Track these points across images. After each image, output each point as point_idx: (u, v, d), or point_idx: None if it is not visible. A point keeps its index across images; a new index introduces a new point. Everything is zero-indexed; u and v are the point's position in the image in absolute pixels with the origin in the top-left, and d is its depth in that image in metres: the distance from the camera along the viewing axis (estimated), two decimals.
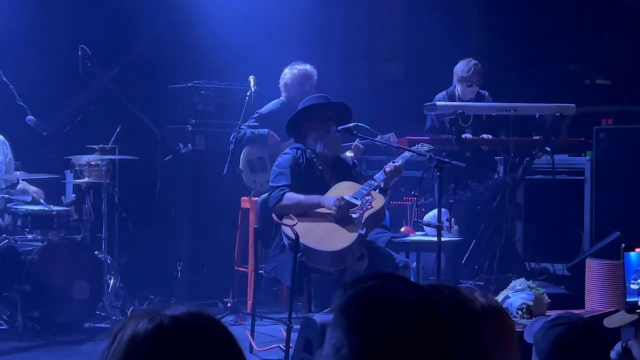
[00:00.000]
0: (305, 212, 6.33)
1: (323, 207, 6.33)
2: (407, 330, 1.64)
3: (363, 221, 6.33)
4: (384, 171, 6.52)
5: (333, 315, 1.72)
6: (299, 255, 6.08)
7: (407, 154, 6.70)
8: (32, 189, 7.52)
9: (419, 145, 6.94)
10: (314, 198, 6.36)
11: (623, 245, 2.96)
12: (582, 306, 6.07)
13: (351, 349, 1.63)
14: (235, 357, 1.76)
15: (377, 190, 6.50)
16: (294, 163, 6.49)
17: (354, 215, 6.34)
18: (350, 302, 1.69)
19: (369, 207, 6.40)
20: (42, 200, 7.37)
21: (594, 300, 5.98)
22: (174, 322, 1.71)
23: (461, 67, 8.02)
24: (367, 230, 6.38)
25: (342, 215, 6.26)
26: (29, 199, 7.47)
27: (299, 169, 6.48)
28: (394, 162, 6.61)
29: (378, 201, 6.46)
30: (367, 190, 6.43)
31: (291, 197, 6.35)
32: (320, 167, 6.57)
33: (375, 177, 6.58)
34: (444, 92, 8.11)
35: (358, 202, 6.39)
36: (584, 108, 8.93)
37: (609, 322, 3.34)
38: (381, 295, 1.69)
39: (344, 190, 6.45)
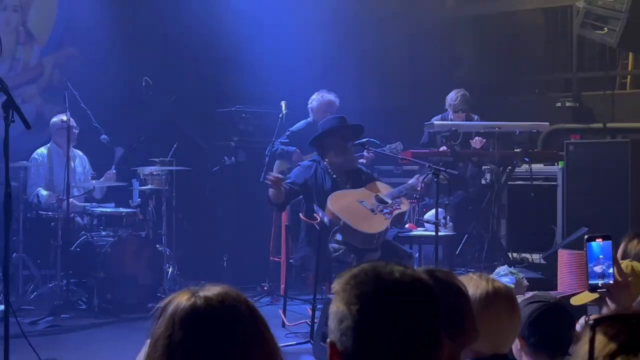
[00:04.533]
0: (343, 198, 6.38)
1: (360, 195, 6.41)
2: (395, 301, 1.59)
3: (392, 217, 6.36)
4: (420, 183, 6.54)
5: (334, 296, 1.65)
6: (335, 228, 6.14)
7: (420, 177, 6.71)
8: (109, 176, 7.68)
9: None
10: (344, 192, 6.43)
11: (586, 236, 2.93)
12: (554, 288, 6.04)
13: (352, 318, 1.58)
14: (259, 332, 1.73)
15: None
16: (302, 173, 6.54)
17: (385, 211, 6.35)
18: (348, 280, 1.64)
19: (398, 207, 6.41)
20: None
21: (564, 284, 5.96)
22: (206, 303, 1.70)
23: (451, 96, 7.97)
24: (390, 226, 6.43)
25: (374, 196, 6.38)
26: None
27: (308, 175, 6.51)
28: (412, 181, 6.68)
29: (405, 206, 6.51)
30: (398, 194, 6.48)
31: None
32: (335, 175, 6.57)
33: (409, 182, 6.64)
34: (439, 116, 8.03)
35: (389, 201, 6.41)
36: (556, 126, 8.92)
37: (575, 301, 3.31)
38: (372, 272, 1.63)
39: (380, 188, 6.53)
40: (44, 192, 7.35)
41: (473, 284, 2.58)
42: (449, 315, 1.94)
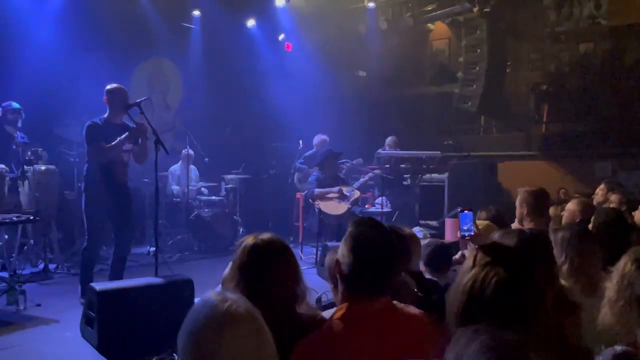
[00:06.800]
0: (325, 197, 6.44)
1: (334, 192, 6.38)
2: (373, 255, 1.52)
3: (349, 204, 6.40)
4: (360, 183, 6.62)
5: (345, 236, 1.57)
6: (321, 216, 6.15)
7: (366, 176, 6.78)
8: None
9: (368, 168, 7.00)
10: (328, 189, 6.45)
11: (459, 209, 3.03)
12: (443, 238, 6.06)
13: (349, 259, 1.53)
14: (290, 262, 1.69)
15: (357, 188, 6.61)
16: (317, 179, 6.58)
17: (345, 201, 6.41)
18: (352, 235, 1.55)
19: (352, 197, 6.47)
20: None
21: (448, 236, 5.96)
22: (262, 242, 1.69)
23: (389, 140, 7.89)
24: (351, 207, 6.47)
25: (341, 193, 6.34)
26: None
27: (320, 181, 6.55)
28: (362, 179, 6.71)
29: (355, 194, 6.54)
30: (352, 189, 6.54)
31: (318, 191, 6.44)
32: (329, 181, 6.65)
33: (354, 185, 6.69)
34: (381, 149, 8.08)
35: (348, 194, 6.46)
36: (445, 153, 8.88)
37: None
38: (366, 235, 1.53)
39: (343, 188, 6.50)
40: (175, 187, 7.42)
41: None
42: (401, 252, 1.99)
